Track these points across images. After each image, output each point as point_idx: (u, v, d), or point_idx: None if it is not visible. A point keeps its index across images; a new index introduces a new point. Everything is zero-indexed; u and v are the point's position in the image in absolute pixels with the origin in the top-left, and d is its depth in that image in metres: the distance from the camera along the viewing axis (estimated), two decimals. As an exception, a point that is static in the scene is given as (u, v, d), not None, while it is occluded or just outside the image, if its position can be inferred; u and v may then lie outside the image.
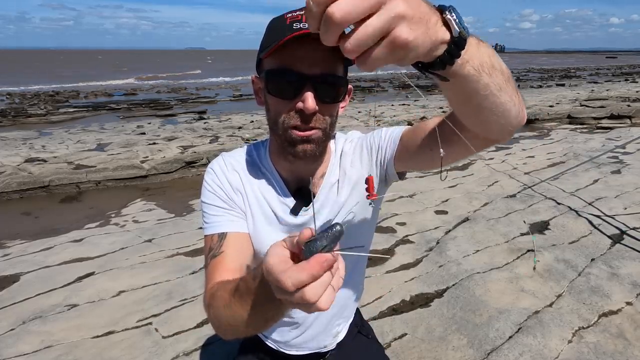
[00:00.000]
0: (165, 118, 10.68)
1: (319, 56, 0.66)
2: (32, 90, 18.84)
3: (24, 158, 5.54)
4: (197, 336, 2.07)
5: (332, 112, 0.74)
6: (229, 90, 19.30)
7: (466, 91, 0.49)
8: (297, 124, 0.70)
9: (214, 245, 0.77)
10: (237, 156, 0.87)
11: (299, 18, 0.66)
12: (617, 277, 2.43)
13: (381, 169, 0.84)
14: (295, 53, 0.65)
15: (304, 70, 0.67)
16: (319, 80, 0.68)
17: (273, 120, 0.74)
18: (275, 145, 0.80)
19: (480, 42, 0.46)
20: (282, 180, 0.83)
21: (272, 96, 0.71)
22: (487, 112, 0.53)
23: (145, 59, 77.27)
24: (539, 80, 22.65)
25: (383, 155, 0.82)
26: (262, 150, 0.87)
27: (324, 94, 0.69)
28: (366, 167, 0.85)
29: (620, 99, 10.83)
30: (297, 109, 0.69)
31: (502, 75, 0.49)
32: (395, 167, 0.80)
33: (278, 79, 0.69)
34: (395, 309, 2.26)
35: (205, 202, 0.82)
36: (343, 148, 0.87)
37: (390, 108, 10.61)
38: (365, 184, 0.63)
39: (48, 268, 2.85)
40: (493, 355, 1.86)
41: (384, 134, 0.82)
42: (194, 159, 5.60)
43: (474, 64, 0.45)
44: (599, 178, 4.37)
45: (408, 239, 3.11)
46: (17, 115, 10.90)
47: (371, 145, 0.84)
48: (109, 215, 4.06)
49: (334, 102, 0.73)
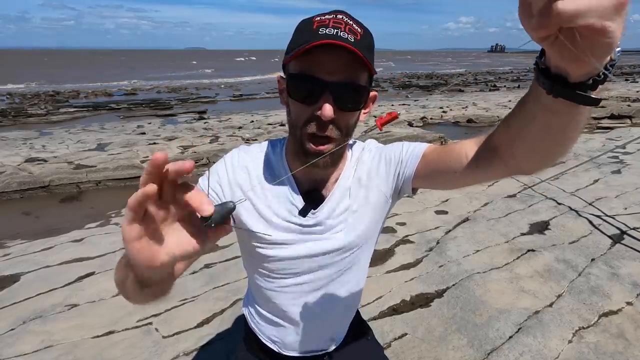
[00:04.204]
0: (165, 118, 10.69)
1: (342, 63, 0.66)
2: (32, 90, 18.86)
3: (24, 158, 5.55)
4: (197, 336, 2.07)
5: (351, 119, 0.74)
6: (229, 90, 19.33)
7: (571, 123, 0.46)
8: (314, 131, 0.71)
9: None
10: (253, 152, 0.87)
11: (326, 23, 0.66)
12: (618, 277, 2.43)
13: (397, 182, 0.84)
14: (318, 59, 0.65)
15: (325, 77, 0.67)
16: (339, 87, 0.67)
17: (293, 124, 0.74)
18: (292, 146, 0.80)
19: None
20: (294, 181, 0.83)
21: (292, 100, 0.72)
22: (564, 147, 0.51)
23: (166, 59, 77.34)
24: (539, 80, 22.60)
25: (403, 169, 0.82)
26: (278, 149, 0.87)
27: (344, 101, 0.69)
28: (382, 178, 0.84)
29: (620, 99, 10.84)
30: (315, 115, 0.69)
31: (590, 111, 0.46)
32: (413, 182, 0.81)
33: (299, 84, 0.70)
34: (396, 309, 2.26)
35: (199, 183, 0.82)
36: (361, 156, 0.87)
37: (390, 108, 10.62)
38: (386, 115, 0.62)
39: (48, 268, 2.85)
40: (493, 355, 1.86)
41: (405, 148, 0.82)
42: (194, 159, 5.60)
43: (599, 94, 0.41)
44: (599, 178, 4.37)
45: (408, 239, 3.11)
46: (17, 115, 10.91)
47: (391, 158, 0.84)
48: (109, 215, 4.06)
49: (354, 110, 0.73)
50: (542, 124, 0.49)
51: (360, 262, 0.92)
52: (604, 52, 0.35)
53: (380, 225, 0.91)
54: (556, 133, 0.49)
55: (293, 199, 0.82)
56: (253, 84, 23.76)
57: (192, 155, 5.67)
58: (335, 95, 0.68)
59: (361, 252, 0.89)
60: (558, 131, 0.48)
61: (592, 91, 0.40)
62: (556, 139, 0.51)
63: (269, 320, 0.95)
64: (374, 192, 0.84)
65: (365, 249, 0.90)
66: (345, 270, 0.89)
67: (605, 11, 0.31)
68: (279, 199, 0.82)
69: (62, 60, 68.07)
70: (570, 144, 0.51)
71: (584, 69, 0.38)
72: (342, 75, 0.67)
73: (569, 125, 0.47)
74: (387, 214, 0.91)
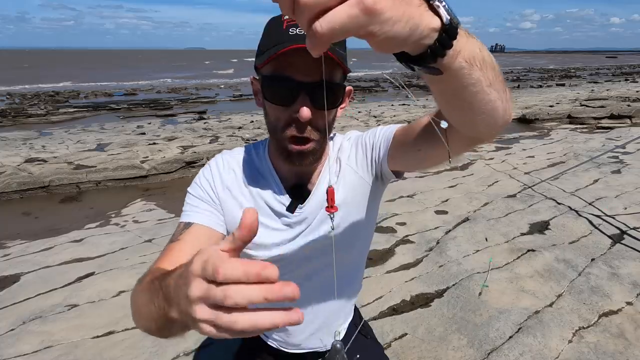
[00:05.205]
0: (165, 118, 10.69)
1: (315, 63, 0.65)
2: (32, 90, 18.85)
3: (24, 158, 5.54)
4: (197, 336, 2.06)
5: (329, 117, 0.74)
6: (229, 91, 19.32)
7: (455, 87, 0.45)
8: (294, 134, 0.71)
9: (177, 231, 0.77)
10: (237, 155, 0.88)
11: (295, 22, 0.66)
12: (618, 277, 2.43)
13: (376, 167, 0.84)
14: (291, 60, 0.66)
15: (300, 77, 0.67)
16: (315, 87, 0.68)
17: (272, 126, 0.75)
18: (273, 146, 0.82)
19: (469, 34, 0.43)
20: (279, 179, 0.84)
21: (269, 102, 0.72)
22: (475, 109, 0.50)
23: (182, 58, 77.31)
24: (539, 80, 22.66)
25: (377, 153, 0.82)
26: (261, 150, 0.88)
27: (321, 100, 0.69)
28: (361, 164, 0.85)
29: (620, 98, 10.84)
30: (293, 116, 0.70)
31: (493, 70, 0.46)
32: (389, 165, 0.80)
33: (274, 86, 0.70)
34: (396, 308, 2.26)
35: (189, 192, 0.84)
36: (341, 144, 0.88)
37: (390, 108, 10.62)
38: (325, 194, 0.58)
39: (48, 268, 2.85)
40: (493, 355, 1.86)
41: (378, 132, 0.83)
42: (194, 159, 5.60)
43: (465, 56, 0.42)
44: (599, 178, 4.37)
45: (408, 239, 3.11)
46: (17, 115, 10.90)
47: (366, 143, 0.84)
48: (109, 215, 4.06)
49: (331, 108, 0.73)
50: (437, 94, 0.50)
51: (353, 254, 0.92)
52: (399, 43, 0.35)
53: (372, 214, 0.90)
54: (453, 98, 0.49)
55: (279, 196, 0.83)
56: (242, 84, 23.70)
57: (192, 155, 5.66)
58: (311, 96, 0.68)
59: (353, 243, 0.89)
60: (454, 96, 0.48)
61: (442, 57, 0.39)
62: (457, 104, 0.50)
63: None
64: (356, 180, 0.85)
65: (357, 239, 0.90)
66: (339, 263, 0.89)
67: (358, 22, 0.31)
68: (267, 197, 0.84)
69: (88, 60, 68.04)
70: (485, 105, 0.49)
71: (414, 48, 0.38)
72: (316, 76, 0.67)
73: (453, 87, 0.46)
74: (377, 202, 0.91)
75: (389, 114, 9.38)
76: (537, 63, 55.66)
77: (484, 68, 0.45)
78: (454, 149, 0.63)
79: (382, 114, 9.51)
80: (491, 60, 0.46)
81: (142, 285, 0.60)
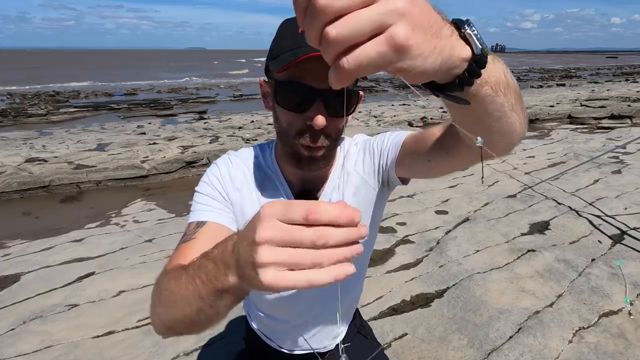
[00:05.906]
0: (165, 118, 10.69)
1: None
2: (33, 90, 18.86)
3: (24, 158, 5.54)
4: (197, 336, 2.07)
5: (341, 124, 0.74)
6: (229, 91, 19.32)
7: (478, 113, 0.45)
8: (308, 143, 0.71)
9: (190, 231, 0.75)
10: (244, 156, 0.87)
11: None
12: (618, 277, 2.42)
13: (383, 173, 0.84)
14: (306, 66, 0.64)
15: (315, 84, 0.66)
16: (330, 94, 0.67)
17: (283, 132, 0.73)
18: (282, 150, 0.80)
19: (495, 58, 0.42)
20: (286, 183, 0.83)
21: (281, 107, 0.71)
22: (494, 132, 0.49)
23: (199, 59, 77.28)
24: (539, 80, 22.65)
25: (385, 160, 0.82)
26: (267, 152, 0.87)
27: (335, 107, 0.68)
28: (368, 170, 0.85)
29: (620, 99, 10.83)
30: (307, 123, 0.69)
31: (515, 93, 0.46)
32: (396, 172, 0.80)
33: (288, 92, 0.68)
34: (396, 309, 2.26)
35: (198, 192, 0.81)
36: (349, 149, 0.87)
37: (390, 108, 10.62)
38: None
39: (48, 268, 2.85)
40: (493, 355, 1.86)
41: (387, 139, 0.82)
42: (194, 159, 5.61)
43: (491, 83, 0.41)
44: (599, 178, 4.37)
45: (408, 239, 3.11)
46: (17, 115, 10.91)
47: (374, 149, 0.84)
48: (109, 215, 4.06)
49: (347, 115, 0.73)
50: (459, 119, 0.50)
51: (357, 258, 0.91)
52: (428, 77, 0.35)
53: (377, 218, 0.91)
54: (475, 123, 0.48)
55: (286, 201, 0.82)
56: (253, 84, 23.75)
57: (192, 155, 5.66)
58: (326, 103, 0.67)
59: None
60: (476, 121, 0.48)
61: (469, 86, 0.39)
62: (478, 128, 0.49)
63: (270, 318, 0.95)
64: (362, 185, 0.84)
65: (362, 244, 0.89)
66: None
67: (388, 59, 0.30)
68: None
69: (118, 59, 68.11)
70: (506, 128, 0.49)
71: (442, 77, 0.37)
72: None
73: (476, 113, 0.46)
74: (382, 206, 0.91)
75: (389, 114, 9.37)
76: (542, 63, 55.60)
77: (508, 93, 0.45)
78: (465, 160, 0.64)
79: (383, 114, 9.50)
80: (514, 83, 0.46)
81: (170, 275, 0.57)
